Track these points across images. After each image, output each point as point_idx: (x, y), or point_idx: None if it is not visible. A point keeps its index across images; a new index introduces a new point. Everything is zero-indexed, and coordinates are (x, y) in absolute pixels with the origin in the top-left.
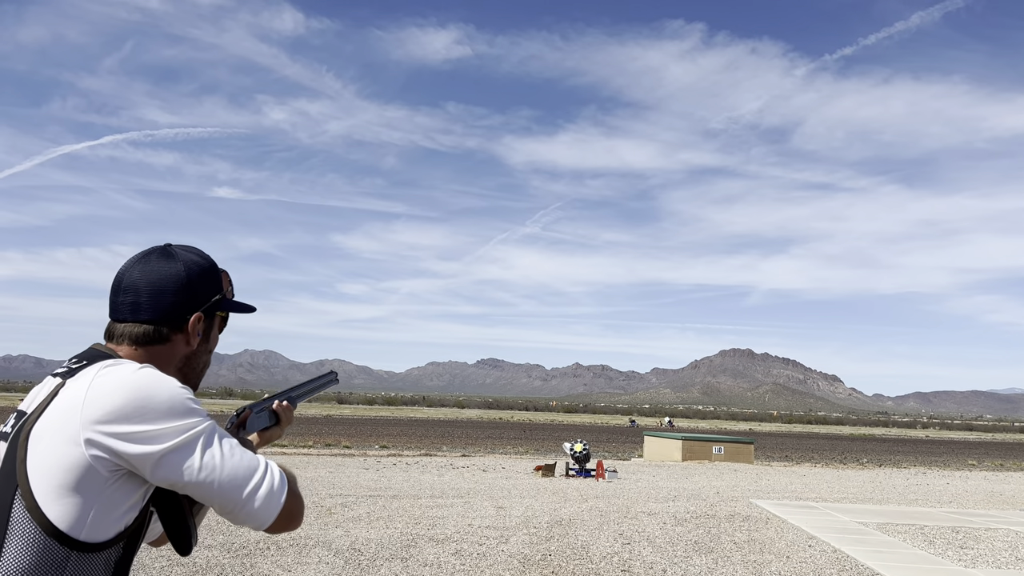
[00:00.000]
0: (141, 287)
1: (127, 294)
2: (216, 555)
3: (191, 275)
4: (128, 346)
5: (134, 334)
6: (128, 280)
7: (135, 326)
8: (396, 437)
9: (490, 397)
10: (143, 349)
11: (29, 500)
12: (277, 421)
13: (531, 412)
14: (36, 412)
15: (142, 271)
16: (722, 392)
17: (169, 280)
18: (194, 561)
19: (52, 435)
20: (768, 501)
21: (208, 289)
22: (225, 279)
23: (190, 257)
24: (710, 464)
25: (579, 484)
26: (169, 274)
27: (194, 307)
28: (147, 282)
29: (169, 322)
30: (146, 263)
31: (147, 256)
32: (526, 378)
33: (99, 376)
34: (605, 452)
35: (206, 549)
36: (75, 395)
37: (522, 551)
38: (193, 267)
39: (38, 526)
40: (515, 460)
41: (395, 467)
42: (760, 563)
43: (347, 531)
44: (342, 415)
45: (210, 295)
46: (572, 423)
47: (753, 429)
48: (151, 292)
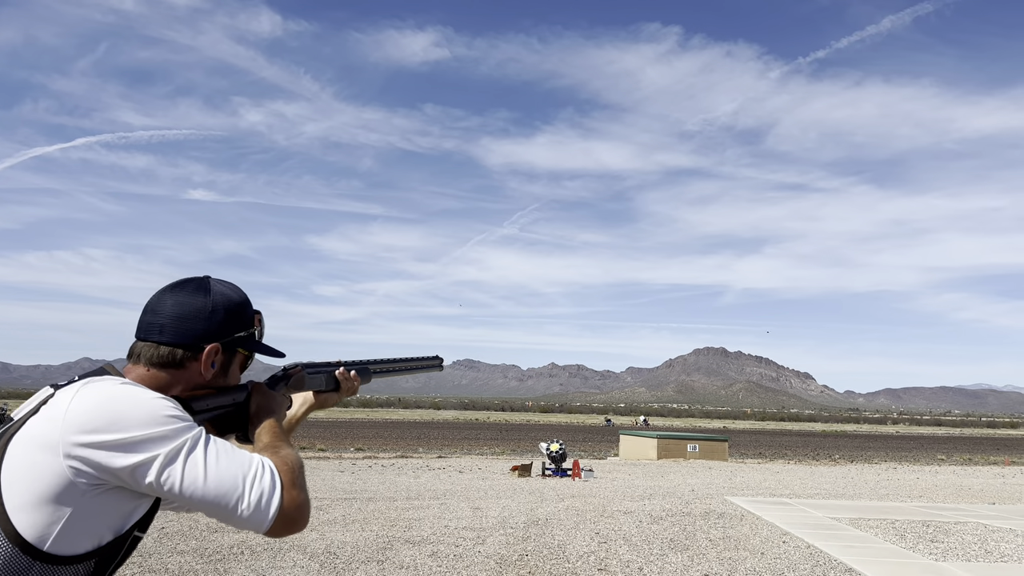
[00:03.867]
0: (166, 310)
1: (152, 315)
2: (189, 560)
3: (216, 306)
4: (143, 367)
5: (150, 355)
6: (157, 302)
7: (152, 347)
8: (371, 439)
9: (466, 398)
10: (156, 371)
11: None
12: (336, 387)
13: (507, 412)
14: (21, 419)
15: (172, 296)
16: (696, 390)
17: (194, 308)
18: (166, 567)
19: (30, 443)
20: (742, 498)
21: (233, 324)
22: (257, 319)
23: (222, 290)
24: (685, 462)
25: (555, 484)
26: (195, 302)
27: (214, 338)
28: (173, 305)
29: (185, 347)
30: (178, 289)
31: (182, 283)
32: (502, 379)
33: (83, 388)
34: (581, 451)
35: (179, 555)
36: (59, 405)
37: (499, 551)
38: (221, 299)
39: (2, 532)
40: (491, 461)
41: (371, 469)
42: (735, 560)
43: (322, 534)
44: (316, 417)
45: (233, 330)
46: (548, 423)
47: (727, 427)
48: (174, 316)
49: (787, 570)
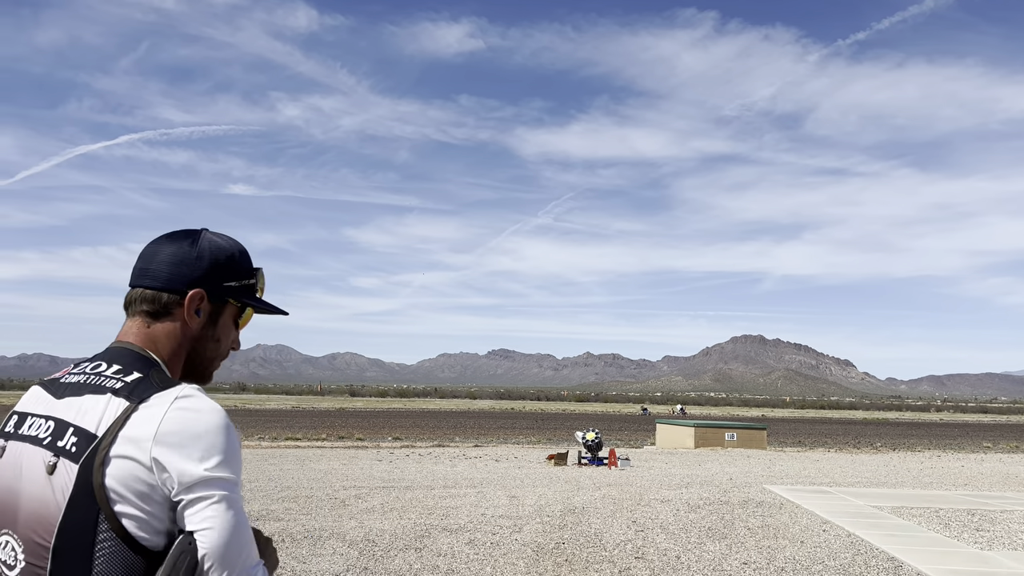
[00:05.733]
0: (154, 257)
1: (143, 262)
2: None
3: (202, 253)
4: (141, 320)
5: (143, 301)
6: (148, 250)
7: (142, 292)
8: (409, 429)
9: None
10: (152, 325)
11: (114, 522)
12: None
13: (543, 402)
14: (109, 436)
15: (161, 244)
16: (734, 379)
17: (179, 254)
18: None
19: (126, 459)
20: (781, 486)
21: (220, 273)
22: (260, 277)
23: (212, 239)
24: (723, 450)
25: (592, 472)
26: (181, 249)
27: (198, 284)
28: (161, 252)
29: (170, 292)
30: (169, 238)
31: (173, 233)
32: (537, 368)
33: (176, 404)
34: (617, 440)
35: None
36: (151, 420)
37: (535, 539)
38: (209, 246)
39: (125, 545)
40: (527, 450)
41: (408, 458)
42: (774, 548)
43: (361, 522)
44: (355, 408)
45: (221, 279)
46: (584, 412)
47: (765, 415)
48: (161, 262)
49: (827, 558)
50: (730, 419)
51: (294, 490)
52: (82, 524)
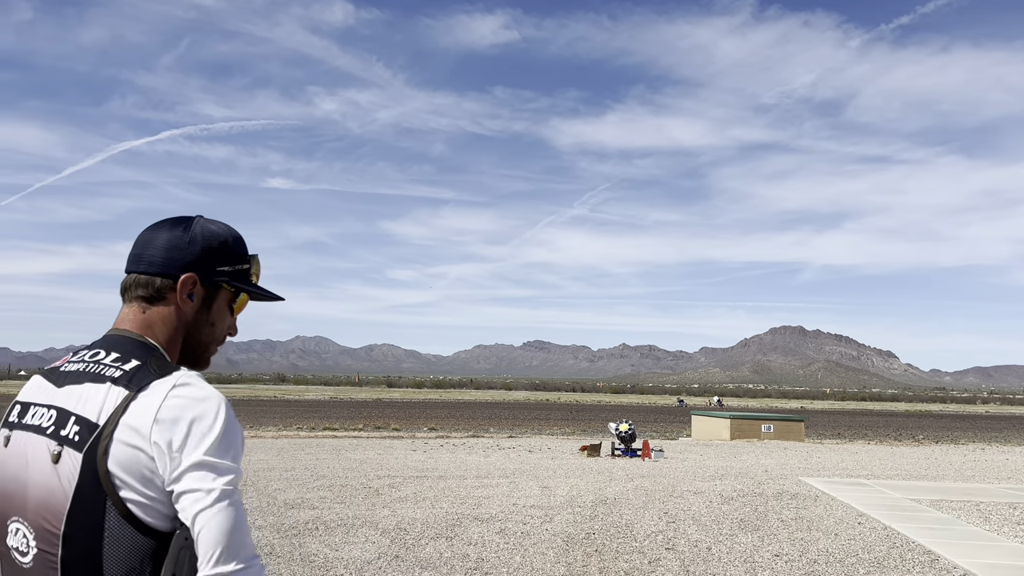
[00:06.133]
0: (148, 241)
1: (137, 248)
2: (267, 535)
3: (194, 237)
4: (137, 305)
5: (139, 286)
6: (141, 237)
7: (136, 277)
8: (444, 419)
9: (537, 379)
10: (149, 312)
11: (121, 507)
12: None
13: (578, 393)
14: (110, 425)
15: (154, 230)
16: (773, 370)
17: (172, 239)
18: None
19: (127, 446)
20: (817, 479)
21: (213, 257)
22: (255, 263)
23: (206, 224)
24: (759, 442)
25: (625, 464)
26: (174, 234)
27: (190, 268)
28: (154, 237)
29: (163, 277)
30: (162, 224)
31: (167, 219)
32: (573, 360)
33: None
34: (653, 432)
35: (257, 530)
36: (149, 407)
37: (566, 530)
38: (201, 231)
39: (134, 529)
40: (561, 441)
41: (442, 448)
42: (807, 540)
43: (394, 511)
44: (392, 398)
45: (214, 263)
46: (619, 404)
47: (805, 407)
48: (154, 247)
49: (861, 551)
50: (768, 411)
51: (329, 479)
52: (90, 510)
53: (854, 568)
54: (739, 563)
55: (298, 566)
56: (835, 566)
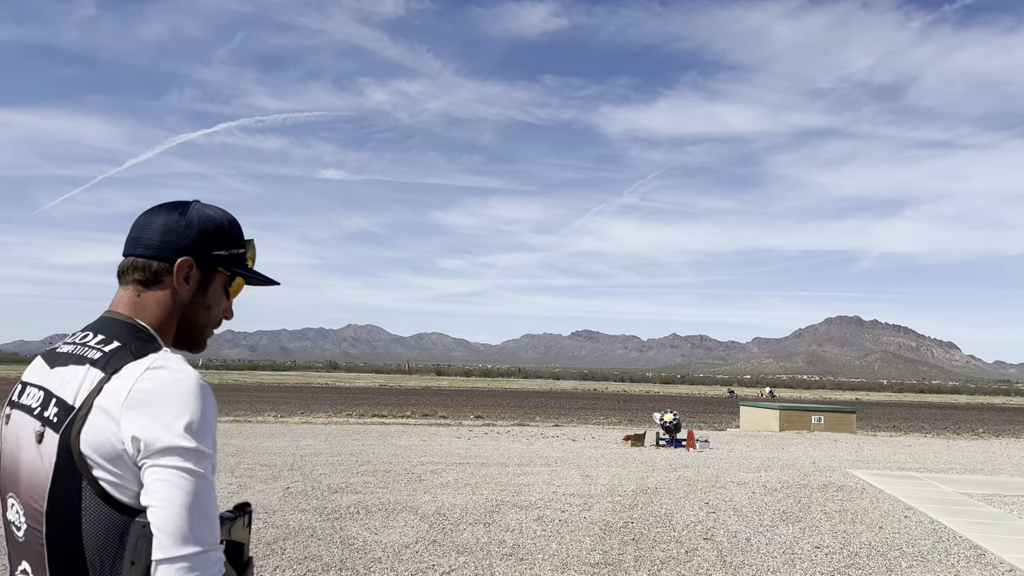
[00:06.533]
0: (146, 224)
1: (135, 230)
2: (309, 518)
3: (191, 222)
4: (133, 288)
5: (135, 269)
6: (139, 221)
7: (134, 261)
8: (491, 408)
9: (585, 369)
10: (144, 295)
11: (96, 487)
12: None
13: (626, 383)
14: (84, 408)
15: (151, 214)
16: (828, 361)
17: (168, 223)
18: (288, 524)
19: (99, 427)
20: (866, 471)
21: (209, 241)
22: (251, 247)
23: (202, 208)
24: (809, 434)
25: (668, 454)
26: (171, 218)
27: (186, 252)
28: (151, 221)
29: (160, 260)
30: (159, 208)
31: (164, 204)
32: (622, 349)
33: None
34: (701, 423)
35: (300, 513)
36: (121, 389)
37: (604, 518)
38: (197, 215)
39: (109, 507)
40: (606, 430)
41: (486, 436)
42: (850, 533)
43: (434, 496)
44: (440, 386)
45: (210, 247)
46: (668, 394)
47: (860, 399)
48: (151, 231)
49: (905, 545)
50: (821, 403)
51: (373, 464)
52: (67, 489)
53: (896, 562)
54: (778, 554)
55: (337, 548)
56: (877, 559)
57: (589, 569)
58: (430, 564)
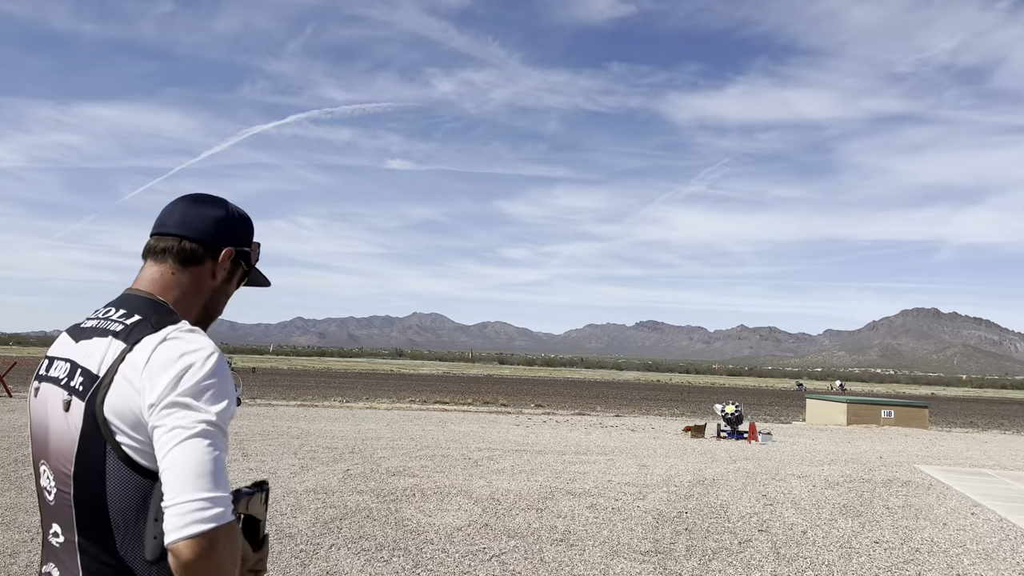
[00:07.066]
0: (191, 213)
1: (180, 215)
2: (366, 499)
3: (231, 215)
4: (170, 264)
5: (178, 249)
6: (181, 206)
7: (179, 241)
8: (551, 396)
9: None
10: (179, 275)
11: (119, 451)
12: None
13: (691, 375)
14: (108, 376)
15: (196, 203)
16: (904, 355)
17: (215, 214)
18: (346, 504)
19: (122, 395)
20: (935, 467)
21: (243, 236)
22: (257, 247)
23: (237, 207)
24: (878, 428)
25: (729, 446)
26: (216, 210)
27: (229, 242)
28: (197, 209)
29: (208, 247)
30: (200, 199)
31: (201, 195)
32: (687, 341)
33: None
34: (767, 416)
35: (358, 494)
36: (140, 358)
37: (658, 507)
38: (235, 211)
39: (131, 470)
40: (667, 421)
41: (545, 424)
42: (912, 529)
43: (489, 482)
44: (502, 375)
45: (243, 243)
46: (734, 386)
47: (936, 394)
48: (200, 217)
49: (969, 542)
50: (894, 397)
51: (432, 449)
52: (93, 453)
53: (958, 559)
54: (834, 548)
55: (391, 529)
56: (938, 556)
57: (639, 557)
58: (481, 547)
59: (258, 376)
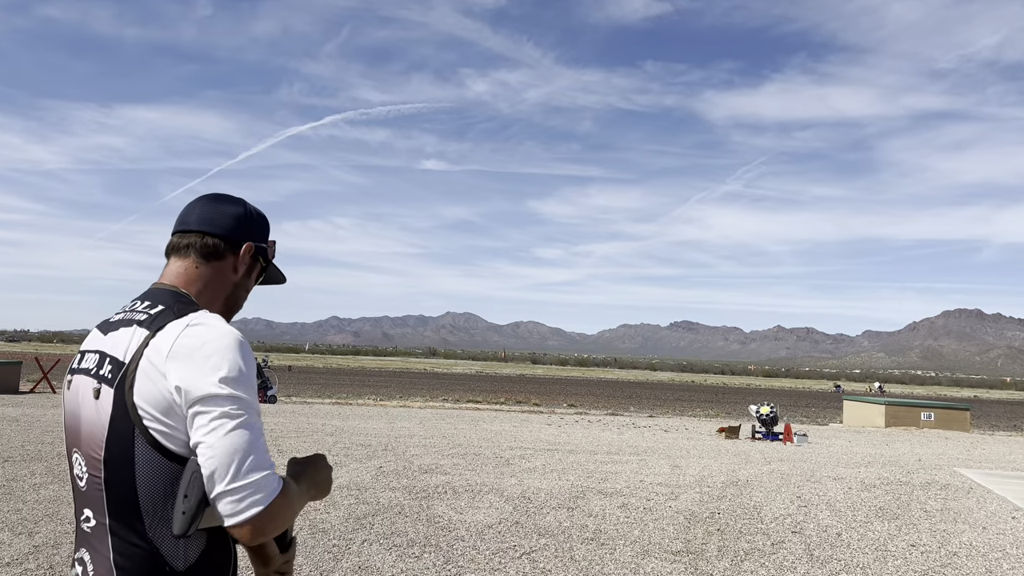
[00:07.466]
0: (211, 207)
1: (200, 212)
2: (398, 496)
3: (249, 212)
4: (193, 258)
5: (201, 244)
6: (201, 204)
7: (202, 237)
8: (584, 396)
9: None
10: (202, 269)
11: (147, 436)
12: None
13: (726, 376)
14: (134, 362)
15: (215, 201)
16: (945, 356)
17: (234, 211)
18: (378, 500)
19: (148, 380)
20: (976, 471)
21: (261, 232)
22: (273, 245)
23: (251, 204)
24: (917, 431)
25: (764, 447)
26: (235, 207)
27: (249, 238)
28: (217, 204)
29: (229, 242)
30: (219, 197)
31: (224, 194)
32: (723, 341)
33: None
34: (803, 417)
35: (390, 491)
36: (164, 344)
37: (690, 508)
38: (253, 209)
39: (159, 454)
40: (701, 422)
41: (577, 424)
42: (950, 532)
43: (520, 480)
44: (535, 375)
45: (261, 239)
46: (770, 388)
47: (978, 397)
48: (221, 214)
49: (1009, 546)
50: (934, 399)
51: (464, 447)
52: (122, 438)
53: (997, 563)
54: (869, 550)
55: (423, 525)
56: (976, 560)
57: (670, 556)
58: (511, 544)
59: (294, 374)
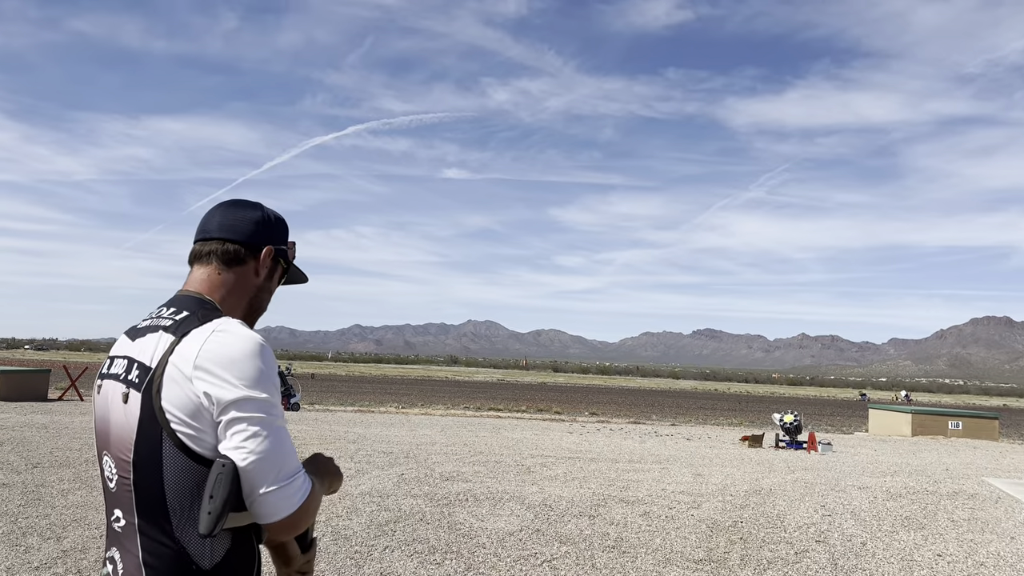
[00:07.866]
0: (231, 216)
1: (220, 219)
2: (420, 503)
3: (267, 216)
4: (215, 265)
5: (222, 251)
6: (221, 211)
7: (222, 244)
8: (606, 405)
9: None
10: (225, 275)
11: (174, 438)
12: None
13: (750, 384)
14: (160, 367)
15: (233, 207)
16: (973, 365)
17: (252, 216)
18: (400, 507)
19: (176, 384)
20: (1004, 480)
21: (280, 235)
22: (293, 247)
23: (269, 208)
24: (945, 440)
25: (787, 456)
26: (253, 212)
27: (269, 242)
28: (235, 210)
29: (249, 246)
30: (237, 203)
31: (243, 200)
32: (746, 349)
33: (212, 337)
34: (828, 426)
35: (412, 498)
36: (191, 349)
37: (713, 516)
38: (273, 215)
39: (187, 457)
40: (724, 430)
41: (599, 432)
42: (977, 543)
43: (542, 488)
44: (556, 383)
45: (281, 241)
46: (794, 396)
47: (1008, 405)
48: (239, 219)
49: None
50: (962, 408)
51: (485, 455)
52: (150, 441)
53: None
54: (894, 560)
55: (444, 532)
56: (1004, 570)
57: (692, 565)
58: (532, 551)
59: (316, 382)
